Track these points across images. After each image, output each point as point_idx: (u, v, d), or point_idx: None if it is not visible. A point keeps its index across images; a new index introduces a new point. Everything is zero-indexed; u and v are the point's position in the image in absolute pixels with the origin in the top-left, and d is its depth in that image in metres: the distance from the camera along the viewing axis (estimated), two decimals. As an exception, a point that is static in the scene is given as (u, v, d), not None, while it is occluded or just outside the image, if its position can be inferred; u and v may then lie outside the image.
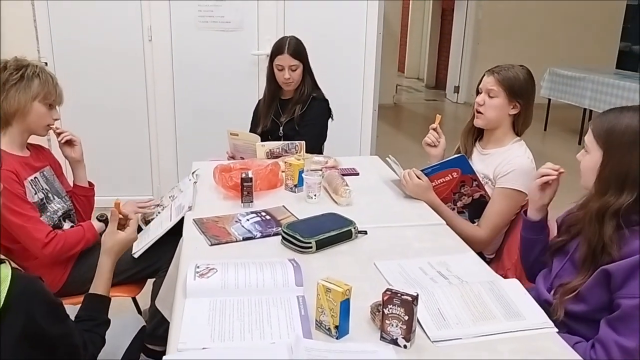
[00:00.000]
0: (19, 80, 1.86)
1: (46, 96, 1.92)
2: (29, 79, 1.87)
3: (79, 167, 2.20)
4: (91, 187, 2.24)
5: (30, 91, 1.87)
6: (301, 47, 2.72)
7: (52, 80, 1.94)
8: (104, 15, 3.52)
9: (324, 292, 1.19)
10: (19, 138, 1.94)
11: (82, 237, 1.95)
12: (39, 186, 1.97)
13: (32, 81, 1.88)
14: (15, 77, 1.85)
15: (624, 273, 1.29)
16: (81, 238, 1.95)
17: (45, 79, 1.91)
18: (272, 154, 2.47)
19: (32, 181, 1.94)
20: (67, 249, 1.90)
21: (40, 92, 1.90)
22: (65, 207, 2.07)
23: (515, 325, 1.25)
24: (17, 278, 1.06)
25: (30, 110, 1.89)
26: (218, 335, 1.19)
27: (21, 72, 1.86)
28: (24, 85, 1.86)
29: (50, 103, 1.95)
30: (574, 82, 6.15)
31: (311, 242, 1.58)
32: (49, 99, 1.94)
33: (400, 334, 1.16)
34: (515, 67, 2.02)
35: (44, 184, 2.01)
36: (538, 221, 1.67)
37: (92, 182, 2.25)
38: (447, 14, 9.29)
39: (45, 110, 1.94)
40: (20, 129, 1.92)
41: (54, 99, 1.96)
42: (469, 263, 1.56)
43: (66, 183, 2.19)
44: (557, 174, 1.60)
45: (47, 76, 1.93)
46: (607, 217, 1.35)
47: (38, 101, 1.90)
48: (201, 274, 1.36)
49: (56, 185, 2.08)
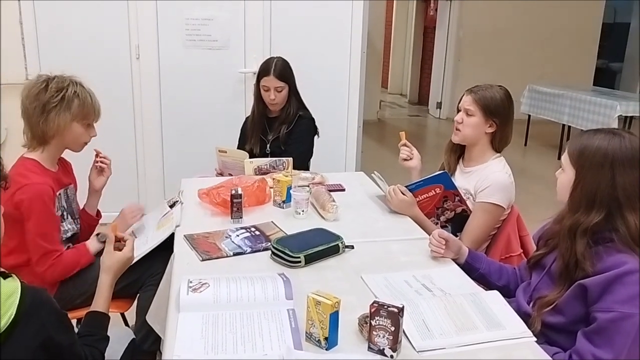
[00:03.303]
0: (59, 102, 1.86)
1: (85, 117, 1.94)
2: (69, 100, 1.88)
3: (95, 195, 2.23)
4: (98, 217, 2.26)
5: (70, 113, 1.88)
6: (287, 69, 2.79)
7: (90, 99, 1.96)
8: (92, 33, 3.56)
9: (313, 305, 1.24)
10: (54, 154, 1.96)
11: (77, 262, 1.95)
12: (60, 203, 1.99)
13: (72, 102, 1.89)
14: (56, 99, 1.85)
15: (599, 288, 1.35)
16: (77, 264, 1.95)
17: (84, 98, 1.92)
18: (260, 171, 2.52)
19: (57, 197, 1.96)
20: (62, 273, 1.92)
21: (80, 113, 1.91)
22: (74, 229, 2.09)
23: (495, 335, 1.31)
24: (26, 290, 1.10)
25: (69, 131, 1.91)
26: (212, 348, 1.23)
27: (62, 94, 1.87)
28: (64, 107, 1.87)
29: (88, 122, 1.98)
30: (552, 98, 6.31)
31: (300, 257, 1.63)
32: (88, 119, 1.96)
33: (387, 345, 1.21)
34: (494, 87, 2.10)
35: (64, 202, 2.03)
36: (464, 263, 1.75)
37: (100, 211, 2.27)
38: (429, 32, 9.48)
39: (83, 130, 1.96)
40: (57, 147, 1.94)
41: (92, 119, 1.99)
42: (452, 276, 1.62)
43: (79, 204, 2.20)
44: (443, 249, 1.71)
45: (86, 95, 1.93)
46: (579, 234, 1.41)
47: (77, 122, 1.92)
48: (194, 289, 1.40)
49: (73, 205, 2.11)
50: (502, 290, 1.57)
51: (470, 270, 1.71)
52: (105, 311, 1.47)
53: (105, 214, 3.65)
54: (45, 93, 1.85)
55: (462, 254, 1.75)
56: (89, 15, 3.53)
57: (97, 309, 1.46)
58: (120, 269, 1.54)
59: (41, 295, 1.16)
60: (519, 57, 8.07)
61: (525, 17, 8.00)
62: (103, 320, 1.45)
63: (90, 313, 1.45)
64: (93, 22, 3.55)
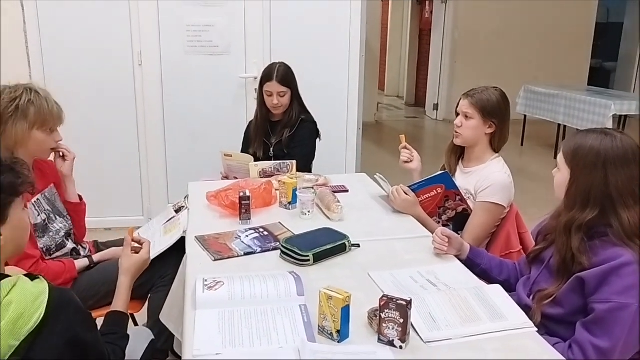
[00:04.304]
0: (14, 112, 1.85)
1: (43, 123, 1.92)
2: (24, 109, 1.86)
3: (67, 182, 2.17)
4: (81, 201, 2.24)
5: (27, 121, 1.87)
6: (290, 74, 2.86)
7: (47, 104, 1.92)
8: (95, 41, 3.62)
9: (325, 299, 1.30)
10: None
11: (60, 275, 1.93)
12: (41, 207, 2.02)
13: (28, 110, 1.86)
14: (10, 109, 1.84)
15: (596, 280, 1.42)
16: (59, 276, 1.93)
17: (40, 105, 1.89)
18: (264, 173, 2.59)
19: (35, 203, 1.98)
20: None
21: (37, 120, 1.89)
22: (67, 227, 2.13)
23: (498, 325, 1.37)
24: (53, 290, 1.16)
25: (30, 139, 1.90)
26: (229, 342, 1.29)
27: (16, 103, 1.85)
28: (19, 116, 1.85)
29: (49, 128, 1.95)
30: (548, 98, 6.40)
31: (309, 256, 1.69)
32: (47, 125, 1.94)
33: (396, 336, 1.28)
34: (489, 90, 2.17)
35: (46, 205, 2.05)
36: (466, 259, 1.82)
37: (81, 195, 2.24)
38: (424, 34, 9.56)
39: (45, 136, 1.94)
40: (23, 156, 1.89)
41: (52, 124, 1.96)
42: (455, 271, 1.69)
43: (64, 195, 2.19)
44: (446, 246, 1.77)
45: (42, 102, 1.90)
46: (574, 230, 1.48)
47: (36, 129, 1.90)
48: (209, 287, 1.46)
49: (57, 204, 2.13)
50: (503, 285, 1.63)
51: (472, 266, 1.78)
52: (125, 311, 1.53)
53: (110, 219, 3.74)
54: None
55: (464, 250, 1.82)
56: (92, 23, 3.59)
57: (117, 308, 1.53)
58: (138, 271, 1.60)
59: (67, 296, 1.22)
60: (514, 58, 8.16)
61: (520, 18, 8.09)
62: (123, 320, 1.51)
63: (111, 313, 1.51)
64: (96, 30, 3.60)
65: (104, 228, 3.65)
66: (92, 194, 2.31)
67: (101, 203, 3.56)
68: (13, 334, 1.10)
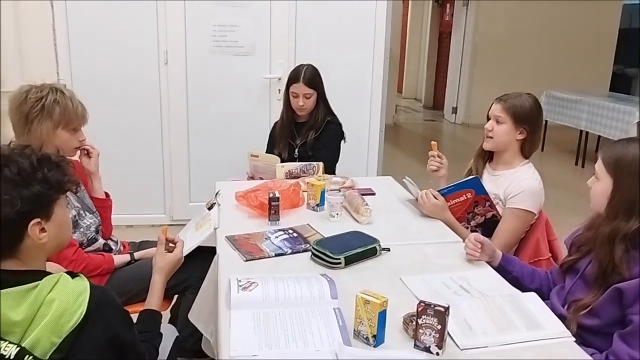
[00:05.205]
0: (40, 112, 1.90)
1: (68, 123, 1.97)
2: (49, 108, 1.91)
3: (94, 178, 2.22)
4: (108, 198, 2.29)
5: (52, 121, 1.92)
6: (316, 76, 2.86)
7: (72, 104, 1.97)
8: (122, 39, 3.66)
9: (362, 304, 1.30)
10: None
11: (100, 266, 2.01)
12: (71, 204, 2.05)
13: (53, 110, 1.91)
14: (36, 109, 1.89)
15: (635, 291, 1.40)
16: (99, 267, 2.01)
17: (65, 105, 1.94)
18: (290, 175, 2.59)
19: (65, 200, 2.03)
20: (86, 272, 1.93)
21: (62, 119, 1.94)
22: (97, 222, 2.16)
23: (535, 334, 1.36)
24: (94, 289, 1.17)
25: (54, 138, 1.95)
26: (265, 344, 1.29)
27: (42, 103, 1.90)
28: (45, 115, 1.90)
29: (73, 127, 2.01)
30: (570, 104, 6.33)
31: (340, 258, 1.69)
32: (72, 124, 1.99)
33: (434, 342, 1.27)
34: (523, 96, 2.15)
35: (75, 202, 2.09)
36: (497, 266, 1.80)
37: (107, 192, 2.29)
38: (444, 37, 9.53)
39: (70, 136, 2.00)
40: None
41: (76, 124, 2.02)
42: (488, 278, 1.68)
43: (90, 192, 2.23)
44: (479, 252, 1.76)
45: (67, 102, 1.95)
46: (617, 240, 1.46)
47: (61, 128, 1.95)
48: (244, 288, 1.46)
49: (86, 201, 2.17)
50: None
51: (503, 274, 1.76)
52: (158, 309, 1.54)
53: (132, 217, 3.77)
54: (25, 104, 1.89)
55: (496, 257, 1.81)
56: (119, 22, 3.63)
57: (151, 307, 1.54)
58: (172, 269, 1.61)
59: (108, 294, 1.23)
60: (534, 63, 8.10)
61: (541, 22, 8.03)
62: (157, 318, 1.52)
63: (145, 311, 1.52)
64: (123, 29, 3.64)
65: (125, 225, 3.68)
66: (115, 191, 2.34)
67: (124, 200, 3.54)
68: (55, 331, 1.11)
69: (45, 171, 1.18)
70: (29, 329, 1.11)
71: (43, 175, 1.18)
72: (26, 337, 1.10)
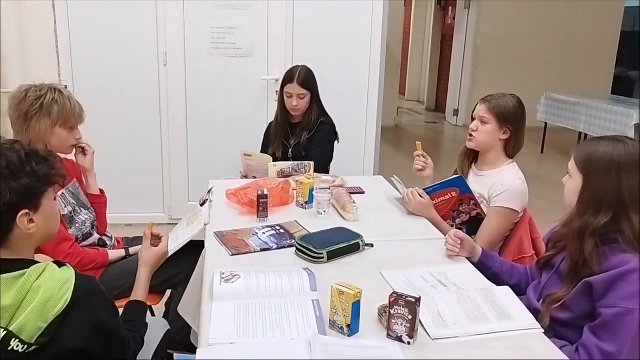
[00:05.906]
0: (39, 110, 1.96)
1: (65, 121, 2.03)
2: (48, 107, 1.97)
3: (89, 175, 2.28)
4: (102, 194, 2.35)
5: (50, 119, 1.98)
6: (310, 77, 2.92)
7: (69, 104, 2.03)
8: (122, 41, 3.73)
9: (337, 294, 1.35)
10: None
11: (94, 260, 2.08)
12: (67, 200, 2.12)
13: (52, 108, 1.98)
14: (35, 107, 1.95)
15: (604, 285, 1.45)
16: (94, 260, 2.07)
17: (63, 104, 2.01)
18: (283, 174, 2.65)
19: (61, 196, 2.09)
20: (81, 265, 2.03)
21: (60, 118, 2.00)
22: (92, 218, 2.22)
23: (506, 325, 1.41)
24: (79, 278, 1.23)
25: (52, 136, 2.01)
26: (243, 332, 1.35)
27: (41, 101, 1.96)
28: (44, 113, 1.97)
29: (70, 126, 2.08)
30: (569, 106, 6.36)
31: (323, 253, 1.74)
32: (69, 123, 2.05)
33: (405, 332, 1.32)
34: (506, 96, 2.20)
35: (71, 198, 2.16)
36: (477, 262, 1.85)
37: (102, 189, 2.35)
38: (446, 40, 9.56)
39: (67, 134, 2.06)
40: None
41: (73, 122, 2.08)
42: (466, 273, 1.73)
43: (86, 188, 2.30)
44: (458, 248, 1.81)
45: (65, 101, 2.01)
46: (587, 235, 1.51)
47: (59, 126, 2.02)
48: (226, 280, 1.52)
49: (81, 198, 2.23)
50: (514, 289, 1.65)
51: (483, 269, 1.81)
52: (144, 300, 1.60)
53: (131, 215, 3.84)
54: (25, 102, 1.95)
55: (476, 253, 1.85)
56: (119, 23, 3.70)
57: (137, 298, 1.59)
58: (157, 263, 1.67)
59: (93, 284, 1.28)
60: (536, 65, 8.12)
61: (543, 25, 8.05)
62: (142, 309, 1.58)
63: (131, 302, 1.58)
64: (123, 30, 3.71)
65: (125, 224, 3.75)
66: (114, 191, 2.39)
67: (123, 199, 3.65)
68: (42, 316, 1.17)
69: (34, 165, 1.24)
70: (17, 314, 1.17)
71: (31, 168, 1.24)
72: (13, 322, 1.16)
